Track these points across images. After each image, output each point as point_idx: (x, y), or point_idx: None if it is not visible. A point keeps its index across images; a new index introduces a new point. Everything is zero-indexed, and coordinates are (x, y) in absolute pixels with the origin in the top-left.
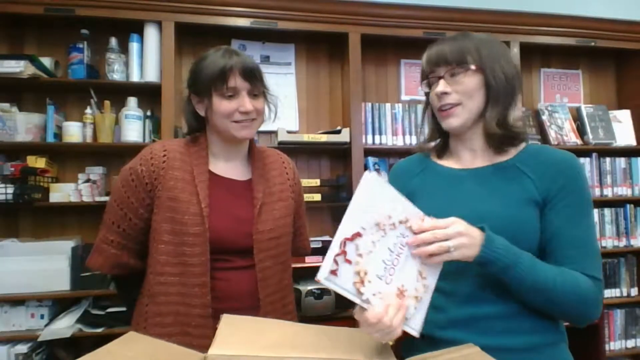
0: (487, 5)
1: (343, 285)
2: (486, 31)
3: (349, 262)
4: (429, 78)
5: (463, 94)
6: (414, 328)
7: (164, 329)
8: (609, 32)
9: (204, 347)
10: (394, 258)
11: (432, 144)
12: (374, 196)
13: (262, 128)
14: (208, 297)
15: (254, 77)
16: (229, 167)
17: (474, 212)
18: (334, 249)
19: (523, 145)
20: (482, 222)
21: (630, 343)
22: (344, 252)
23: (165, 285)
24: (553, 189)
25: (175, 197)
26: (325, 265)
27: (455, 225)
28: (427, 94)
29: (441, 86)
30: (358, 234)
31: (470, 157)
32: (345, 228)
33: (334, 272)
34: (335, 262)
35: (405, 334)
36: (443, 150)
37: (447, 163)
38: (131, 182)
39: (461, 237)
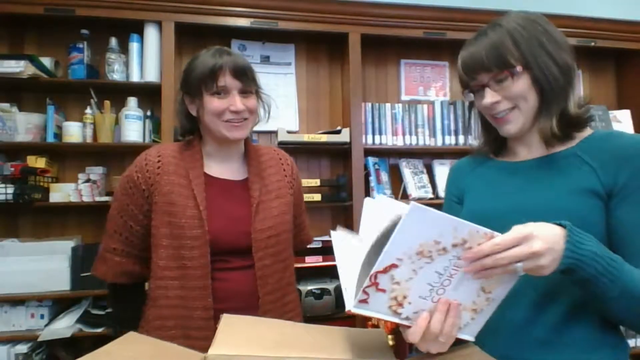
0: (487, 5)
1: (377, 310)
2: None
3: (382, 290)
4: (471, 86)
5: (515, 98)
6: (470, 334)
7: (166, 332)
8: (609, 32)
9: (206, 349)
10: (444, 279)
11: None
12: (414, 227)
13: (262, 128)
14: (209, 300)
15: (244, 76)
16: (224, 168)
17: (518, 205)
18: (362, 281)
19: (589, 131)
20: (524, 215)
21: (631, 343)
22: (375, 284)
23: (166, 289)
24: (619, 181)
25: (172, 201)
26: (354, 296)
27: (530, 243)
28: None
29: (489, 97)
30: (393, 265)
31: (527, 151)
32: (379, 262)
33: (364, 301)
34: (365, 292)
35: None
36: (500, 146)
37: (502, 158)
38: (129, 189)
39: (538, 258)
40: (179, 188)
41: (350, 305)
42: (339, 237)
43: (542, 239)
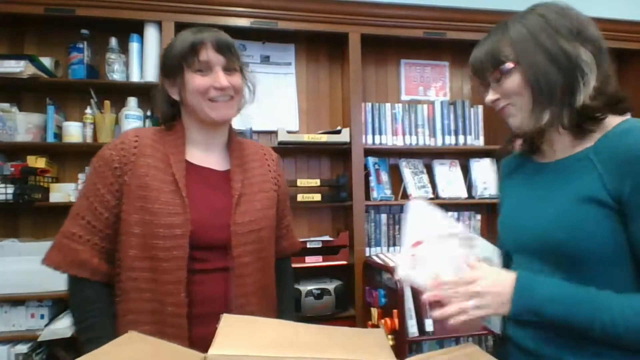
0: (487, 5)
1: (419, 282)
2: (486, 31)
3: (416, 262)
4: (482, 84)
5: (509, 95)
6: (495, 325)
7: (139, 327)
8: (609, 32)
9: None
10: (461, 262)
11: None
12: (419, 217)
13: (262, 128)
14: (183, 295)
15: (228, 51)
16: (206, 157)
17: (529, 214)
18: (405, 250)
19: (610, 126)
20: (531, 225)
21: None
22: (412, 255)
23: (137, 281)
24: (625, 191)
25: (146, 185)
26: (403, 264)
27: (479, 282)
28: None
29: (490, 95)
30: (419, 242)
31: (552, 150)
32: (408, 239)
33: (408, 269)
34: (407, 260)
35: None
36: (533, 145)
37: (537, 157)
38: (99, 167)
39: (481, 297)
40: (156, 171)
41: (401, 272)
42: (418, 207)
43: (487, 281)
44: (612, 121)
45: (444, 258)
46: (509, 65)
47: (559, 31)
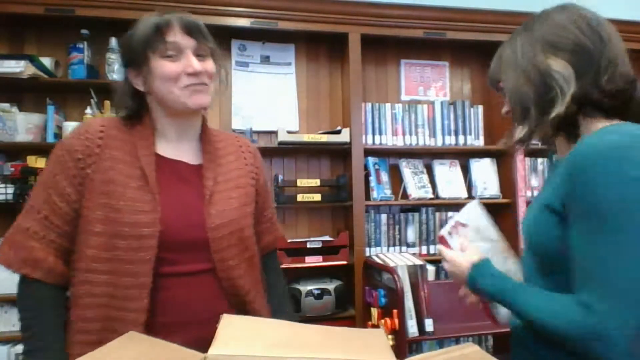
0: (487, 5)
1: (450, 244)
2: (486, 31)
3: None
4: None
5: (511, 107)
6: (503, 316)
7: (91, 336)
8: None
9: None
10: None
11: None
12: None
13: (262, 128)
14: (145, 301)
15: (198, 33)
16: (178, 149)
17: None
18: (454, 221)
19: (589, 135)
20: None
21: None
22: (455, 227)
23: (92, 284)
24: (568, 197)
25: (111, 179)
26: (447, 227)
27: (451, 253)
28: None
29: (505, 107)
30: (461, 224)
31: (560, 151)
32: (460, 217)
33: (449, 235)
34: (453, 229)
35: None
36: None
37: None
38: (60, 157)
39: (448, 264)
40: (122, 165)
41: (444, 231)
42: (476, 207)
43: (451, 264)
44: (597, 126)
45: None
46: (501, 84)
47: (535, 46)
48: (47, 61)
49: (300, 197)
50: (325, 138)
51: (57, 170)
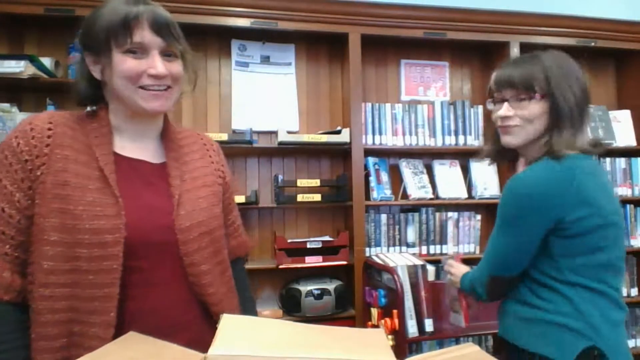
0: (487, 5)
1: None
2: (486, 31)
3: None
4: (494, 97)
5: (525, 119)
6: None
7: (55, 354)
8: (609, 32)
9: None
10: None
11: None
12: None
13: (262, 128)
14: (112, 315)
15: (167, 32)
16: (138, 147)
17: None
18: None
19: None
20: None
21: (631, 343)
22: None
23: (51, 299)
24: None
25: (65, 182)
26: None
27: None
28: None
29: (504, 110)
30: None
31: (524, 166)
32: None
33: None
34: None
35: None
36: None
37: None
38: (4, 160)
39: (455, 275)
40: (76, 165)
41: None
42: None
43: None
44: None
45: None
46: (539, 95)
47: (578, 81)
48: (47, 61)
49: (300, 197)
50: (325, 138)
51: (2, 174)
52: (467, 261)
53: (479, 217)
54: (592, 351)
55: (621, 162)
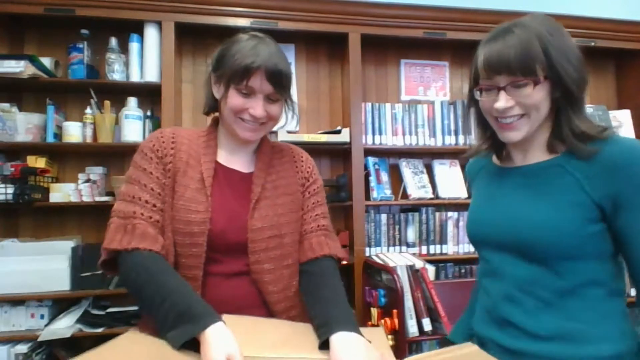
0: (487, 5)
1: None
2: (486, 31)
3: None
4: (481, 85)
5: (529, 107)
6: None
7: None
8: (609, 32)
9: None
10: None
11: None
12: None
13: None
14: (198, 292)
15: (279, 83)
16: (234, 158)
17: (503, 212)
18: None
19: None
20: (507, 222)
21: None
22: None
23: None
24: (612, 192)
25: (177, 180)
26: None
27: None
28: (474, 98)
29: (503, 101)
30: None
31: (522, 157)
32: None
33: None
34: None
35: None
36: (500, 147)
37: (501, 162)
38: (145, 156)
39: None
40: (186, 168)
41: None
42: None
43: None
44: None
45: None
46: (542, 78)
47: (578, 56)
48: (47, 61)
49: None
50: (325, 138)
51: (144, 164)
52: (467, 261)
53: None
54: None
55: None
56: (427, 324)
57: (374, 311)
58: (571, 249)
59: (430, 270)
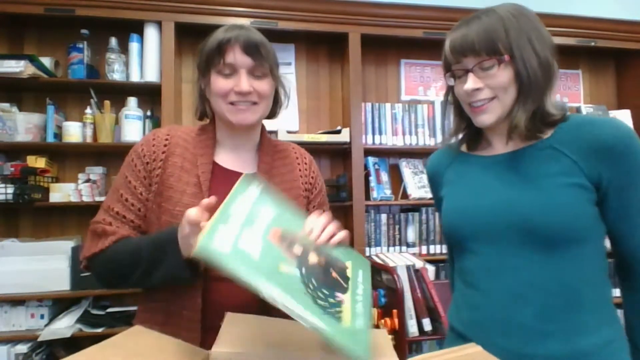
0: (487, 5)
1: None
2: None
3: None
4: (452, 70)
5: (496, 88)
6: None
7: (156, 326)
8: (609, 32)
9: None
10: None
11: (460, 135)
12: None
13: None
14: (198, 301)
15: (257, 52)
16: (234, 159)
17: (506, 201)
18: None
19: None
20: (511, 208)
21: None
22: None
23: None
24: (604, 173)
25: (171, 186)
26: None
27: None
28: (450, 87)
29: (471, 82)
30: None
31: (503, 143)
32: None
33: None
34: None
35: None
36: (474, 139)
37: (476, 152)
38: (131, 162)
39: None
40: (181, 172)
41: None
42: None
43: None
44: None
45: None
46: (506, 57)
47: (543, 37)
48: (47, 61)
49: None
50: (325, 138)
51: (128, 172)
52: None
53: None
54: None
55: None
56: (427, 324)
57: (374, 311)
58: (581, 230)
59: (430, 270)
